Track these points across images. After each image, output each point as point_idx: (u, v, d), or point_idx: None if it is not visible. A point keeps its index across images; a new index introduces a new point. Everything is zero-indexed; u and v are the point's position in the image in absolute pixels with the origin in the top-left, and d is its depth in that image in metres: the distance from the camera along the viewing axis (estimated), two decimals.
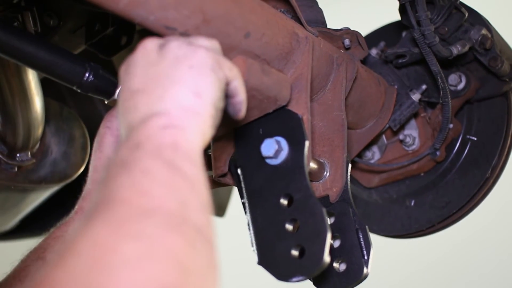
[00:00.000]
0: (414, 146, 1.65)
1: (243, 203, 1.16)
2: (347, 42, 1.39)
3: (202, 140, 0.85)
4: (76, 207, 1.20)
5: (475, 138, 1.64)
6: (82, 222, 0.70)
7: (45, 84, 1.60)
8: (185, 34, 1.00)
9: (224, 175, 1.23)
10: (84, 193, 1.21)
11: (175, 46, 0.89)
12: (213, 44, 0.93)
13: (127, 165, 0.76)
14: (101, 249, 0.64)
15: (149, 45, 0.91)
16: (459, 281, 3.86)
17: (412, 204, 1.69)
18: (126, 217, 0.69)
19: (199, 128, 0.84)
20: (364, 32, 1.66)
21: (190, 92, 0.85)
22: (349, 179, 1.23)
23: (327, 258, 1.01)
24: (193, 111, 0.84)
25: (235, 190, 2.23)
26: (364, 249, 1.16)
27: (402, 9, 1.51)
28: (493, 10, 1.88)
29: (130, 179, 0.74)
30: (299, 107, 1.16)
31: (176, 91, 0.85)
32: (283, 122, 1.14)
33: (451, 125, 1.59)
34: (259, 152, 1.14)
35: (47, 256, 1.12)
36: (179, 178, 0.77)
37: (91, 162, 1.15)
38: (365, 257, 1.15)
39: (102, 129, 1.12)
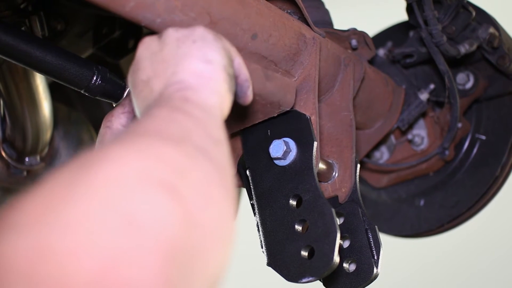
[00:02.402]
0: (422, 146, 1.65)
1: (252, 205, 1.16)
2: (354, 42, 1.39)
3: (219, 100, 0.85)
4: None
5: (484, 137, 1.64)
6: None
7: (53, 88, 1.60)
8: None
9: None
10: None
11: (173, 30, 0.90)
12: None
13: (136, 118, 0.76)
14: (89, 156, 0.62)
15: (147, 40, 0.92)
16: (469, 280, 3.85)
17: (422, 204, 1.68)
18: (121, 138, 0.67)
19: (214, 89, 0.84)
20: (371, 32, 1.66)
21: (200, 61, 0.86)
22: (358, 180, 1.23)
23: (336, 258, 1.01)
24: (206, 76, 0.85)
25: (243, 191, 2.23)
26: (373, 249, 1.15)
27: (409, 9, 1.51)
28: (500, 9, 1.87)
29: (133, 124, 0.74)
30: (307, 108, 1.16)
31: (187, 64, 0.85)
32: (291, 123, 1.14)
33: (459, 124, 1.58)
34: (268, 153, 1.14)
35: None
36: (183, 116, 0.75)
37: None
38: (375, 257, 1.15)
39: (102, 129, 1.13)
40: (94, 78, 1.17)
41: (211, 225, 0.65)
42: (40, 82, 1.51)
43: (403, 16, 1.58)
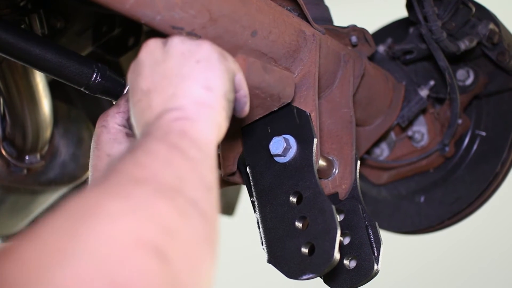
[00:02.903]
0: (423, 142, 1.65)
1: (252, 202, 1.16)
2: (354, 39, 1.39)
3: (217, 132, 0.85)
4: None
5: (484, 133, 1.64)
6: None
7: (53, 86, 1.60)
8: (191, 33, 1.00)
9: (233, 174, 1.23)
10: None
11: (179, 41, 0.90)
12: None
13: (132, 149, 0.77)
14: (85, 205, 0.64)
15: (152, 44, 0.92)
16: (470, 277, 3.85)
17: (422, 200, 1.68)
18: (117, 181, 0.69)
19: (212, 120, 0.85)
20: (371, 29, 1.66)
21: (201, 87, 0.86)
22: (358, 176, 1.23)
23: (337, 255, 1.01)
24: (205, 105, 0.85)
25: (244, 189, 2.23)
26: (374, 246, 1.16)
27: (409, 5, 1.51)
28: (500, 5, 1.87)
29: (132, 156, 0.75)
30: (307, 105, 1.16)
31: (188, 88, 0.85)
32: (291, 120, 1.14)
33: (460, 121, 1.58)
34: (268, 150, 1.14)
35: None
36: (180, 158, 0.77)
37: (90, 162, 1.15)
38: (375, 254, 1.15)
39: (98, 129, 1.13)
40: (94, 76, 1.17)
41: (194, 285, 0.67)
42: (40, 80, 1.51)
43: (403, 13, 1.58)
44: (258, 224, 1.14)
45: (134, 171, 0.72)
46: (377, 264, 1.14)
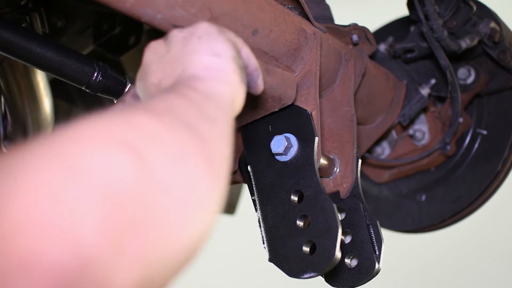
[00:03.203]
0: (424, 141, 1.65)
1: (254, 200, 1.16)
2: (355, 37, 1.39)
3: (230, 90, 0.84)
4: None
5: (485, 132, 1.63)
6: None
7: (54, 85, 1.60)
8: None
9: (234, 173, 1.23)
10: None
11: (178, 31, 0.90)
12: None
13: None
14: (68, 127, 0.61)
15: (153, 44, 0.92)
16: (470, 276, 3.85)
17: (423, 199, 1.68)
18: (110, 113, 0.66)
19: (224, 80, 0.84)
20: (372, 27, 1.66)
21: (208, 55, 0.86)
22: (359, 175, 1.22)
23: (338, 254, 1.01)
24: (215, 68, 0.84)
25: (245, 187, 2.23)
26: (375, 244, 1.15)
27: (410, 4, 1.51)
28: (501, 3, 1.87)
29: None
30: (308, 104, 1.16)
31: (195, 59, 0.85)
32: (292, 118, 1.14)
33: (461, 119, 1.58)
34: (269, 149, 1.14)
35: None
36: (178, 97, 0.75)
37: None
38: (377, 253, 1.15)
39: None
40: (95, 75, 1.17)
41: (179, 188, 0.63)
42: (41, 79, 1.51)
43: (404, 11, 1.58)
44: (259, 223, 1.13)
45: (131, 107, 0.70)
46: (378, 263, 1.14)
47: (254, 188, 1.16)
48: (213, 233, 0.71)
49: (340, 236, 1.01)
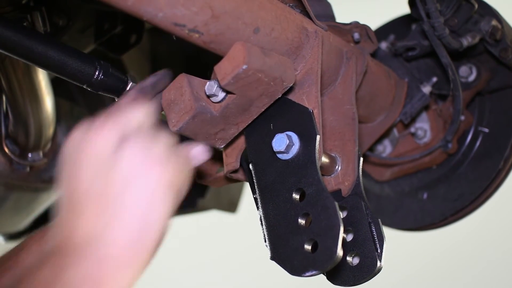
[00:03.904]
0: (425, 139, 1.65)
1: (255, 199, 1.16)
2: (356, 36, 1.39)
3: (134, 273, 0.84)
4: (42, 232, 1.15)
5: (487, 130, 1.63)
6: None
7: (55, 84, 1.60)
8: (194, 30, 1.00)
9: (235, 171, 1.23)
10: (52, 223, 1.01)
11: (131, 153, 0.88)
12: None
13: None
14: None
15: (103, 142, 0.90)
16: (472, 273, 3.85)
17: (425, 197, 1.68)
18: None
19: (134, 264, 0.84)
20: (373, 25, 1.66)
21: (138, 224, 0.84)
22: (360, 173, 1.22)
23: (340, 252, 1.01)
24: (134, 250, 0.83)
25: (246, 186, 2.23)
26: (377, 242, 1.15)
27: (411, 2, 1.51)
28: (502, 1, 1.87)
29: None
30: (310, 102, 1.15)
31: (125, 222, 0.83)
32: (293, 116, 1.14)
33: (462, 117, 1.58)
34: (271, 147, 1.14)
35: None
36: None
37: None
38: (378, 251, 1.15)
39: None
40: (96, 73, 1.17)
41: None
42: (42, 77, 1.51)
43: (405, 9, 1.58)
44: (261, 221, 1.13)
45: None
46: (380, 261, 1.14)
47: (255, 186, 1.16)
48: (216, 231, 0.72)
49: (341, 234, 1.01)
